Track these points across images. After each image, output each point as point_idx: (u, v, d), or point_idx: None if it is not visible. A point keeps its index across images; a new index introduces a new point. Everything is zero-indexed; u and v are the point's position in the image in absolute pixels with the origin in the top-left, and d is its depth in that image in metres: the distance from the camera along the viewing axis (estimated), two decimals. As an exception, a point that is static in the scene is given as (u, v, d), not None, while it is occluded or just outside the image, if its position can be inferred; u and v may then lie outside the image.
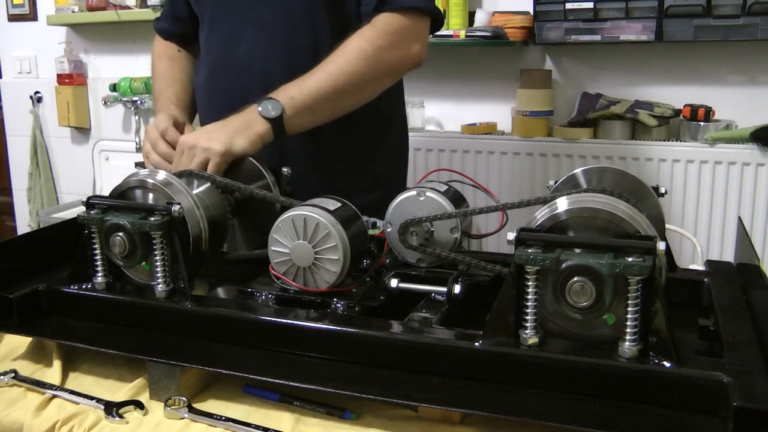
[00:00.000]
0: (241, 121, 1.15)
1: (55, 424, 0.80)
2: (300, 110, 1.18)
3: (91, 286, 0.97)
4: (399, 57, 1.26)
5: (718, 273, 0.99)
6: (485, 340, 0.77)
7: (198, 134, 1.14)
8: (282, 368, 0.81)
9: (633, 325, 0.72)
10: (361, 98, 1.27)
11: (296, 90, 1.18)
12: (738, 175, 2.37)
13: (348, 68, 1.20)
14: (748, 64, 2.45)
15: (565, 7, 2.47)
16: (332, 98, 1.21)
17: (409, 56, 1.27)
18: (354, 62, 1.21)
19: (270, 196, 1.06)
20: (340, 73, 1.20)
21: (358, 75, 1.22)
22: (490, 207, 0.96)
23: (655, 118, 2.44)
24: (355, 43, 1.22)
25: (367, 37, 1.22)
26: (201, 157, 1.09)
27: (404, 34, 1.24)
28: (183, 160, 1.11)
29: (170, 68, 1.44)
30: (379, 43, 1.22)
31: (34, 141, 3.47)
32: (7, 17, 3.53)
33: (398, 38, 1.24)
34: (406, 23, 1.24)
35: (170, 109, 1.34)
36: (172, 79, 1.41)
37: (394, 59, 1.26)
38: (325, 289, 0.92)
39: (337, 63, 1.20)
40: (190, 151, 1.11)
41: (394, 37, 1.23)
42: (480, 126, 2.74)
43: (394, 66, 1.27)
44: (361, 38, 1.22)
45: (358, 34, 1.23)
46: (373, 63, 1.22)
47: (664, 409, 0.70)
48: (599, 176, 0.99)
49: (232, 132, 1.12)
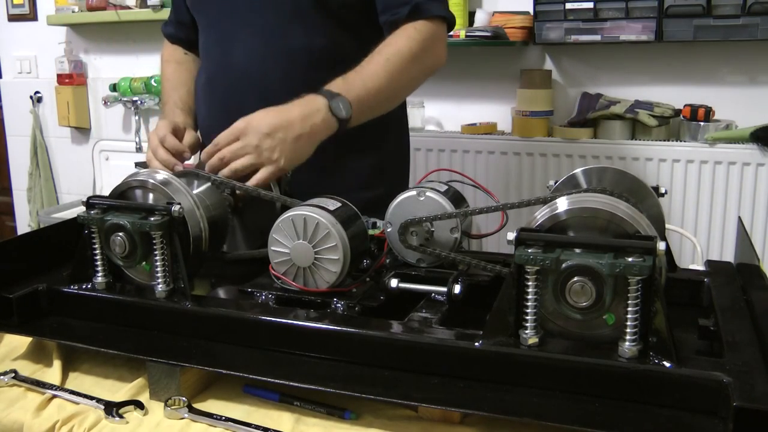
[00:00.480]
0: (306, 125, 1.11)
1: (55, 424, 0.80)
2: (363, 111, 1.19)
3: (91, 286, 0.97)
4: (435, 59, 1.31)
5: (718, 273, 0.99)
6: (485, 340, 0.77)
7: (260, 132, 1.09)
8: (282, 368, 0.81)
9: (633, 325, 0.72)
10: (401, 100, 1.33)
11: (362, 88, 1.18)
12: (738, 175, 2.37)
13: (405, 69, 1.23)
14: (748, 64, 2.45)
15: (565, 7, 2.47)
16: (389, 99, 1.26)
17: (441, 58, 1.33)
18: (408, 63, 1.24)
19: (270, 196, 1.06)
20: (400, 74, 1.23)
21: (408, 76, 1.26)
22: (490, 207, 0.96)
23: (655, 118, 2.44)
24: (405, 45, 1.24)
25: (414, 39, 1.25)
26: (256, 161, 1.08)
27: (437, 39, 1.29)
28: (236, 149, 1.08)
29: (177, 72, 1.45)
30: (424, 46, 1.26)
31: (34, 141, 3.47)
32: (7, 17, 3.53)
33: (433, 43, 1.29)
34: (435, 29, 1.28)
35: (175, 114, 1.35)
36: (178, 82, 1.42)
37: (433, 61, 1.31)
38: (325, 289, 0.92)
39: (393, 63, 1.22)
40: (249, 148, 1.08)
41: (430, 41, 1.28)
42: (480, 126, 2.74)
43: (432, 68, 1.32)
44: (409, 40, 1.24)
45: (405, 36, 1.25)
46: (419, 64, 1.27)
47: (664, 409, 0.70)
48: (599, 176, 0.99)
49: (296, 143, 1.10)
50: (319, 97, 1.14)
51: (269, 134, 1.09)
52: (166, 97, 1.41)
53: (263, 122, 1.10)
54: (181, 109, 1.36)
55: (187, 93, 1.40)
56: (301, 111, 1.12)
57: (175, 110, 1.36)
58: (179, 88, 1.41)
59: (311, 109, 1.12)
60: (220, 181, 1.05)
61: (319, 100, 1.13)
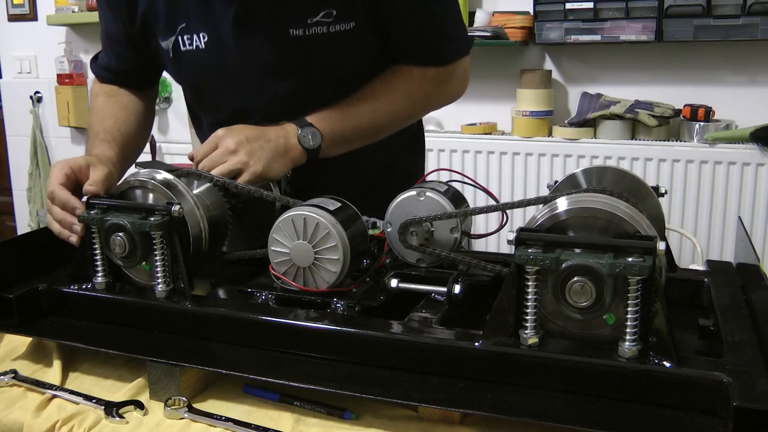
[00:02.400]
0: (281, 142, 1.12)
1: (55, 424, 0.80)
2: (337, 142, 1.18)
3: (91, 286, 0.97)
4: (446, 98, 1.29)
5: (718, 273, 0.99)
6: (485, 340, 0.77)
7: (239, 137, 1.09)
8: (282, 368, 0.81)
9: (633, 325, 0.72)
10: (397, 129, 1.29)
11: (337, 121, 1.17)
12: (738, 175, 2.38)
13: (392, 110, 1.22)
14: (748, 64, 2.45)
15: (565, 7, 2.47)
16: (370, 134, 1.23)
17: (454, 93, 1.30)
18: (400, 105, 1.22)
19: (270, 196, 1.06)
20: (385, 114, 1.21)
21: (401, 117, 1.25)
22: (490, 207, 0.96)
23: (655, 118, 2.44)
24: (404, 88, 1.21)
25: (417, 84, 1.22)
26: (235, 167, 1.07)
27: (452, 78, 1.26)
28: (215, 156, 1.08)
29: (105, 104, 1.31)
30: (429, 91, 1.24)
31: (34, 141, 3.47)
32: (7, 17, 3.53)
33: (446, 84, 1.26)
34: (451, 69, 1.24)
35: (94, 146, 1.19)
36: (105, 114, 1.28)
37: (441, 100, 1.29)
38: (325, 289, 0.92)
39: (381, 102, 1.20)
40: (228, 155, 1.08)
41: (443, 85, 1.25)
42: (480, 126, 2.74)
43: (440, 105, 1.30)
44: (411, 84, 1.22)
45: (407, 79, 1.21)
46: (419, 106, 1.26)
47: (664, 409, 0.70)
48: (599, 176, 0.99)
49: (273, 155, 1.10)
50: (292, 123, 1.15)
51: (247, 140, 1.09)
52: (89, 131, 1.26)
53: (241, 130, 1.11)
54: (103, 139, 1.20)
55: (113, 124, 1.24)
56: (275, 131, 1.13)
57: (95, 143, 1.20)
58: (106, 120, 1.26)
59: (281, 134, 1.13)
60: (222, 182, 1.05)
61: (289, 126, 1.14)
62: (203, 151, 1.10)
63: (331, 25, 1.13)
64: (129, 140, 1.25)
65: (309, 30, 1.13)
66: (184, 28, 1.18)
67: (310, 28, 1.13)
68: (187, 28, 1.18)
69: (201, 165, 1.08)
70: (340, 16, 1.12)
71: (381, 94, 1.21)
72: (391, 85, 1.21)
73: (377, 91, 1.21)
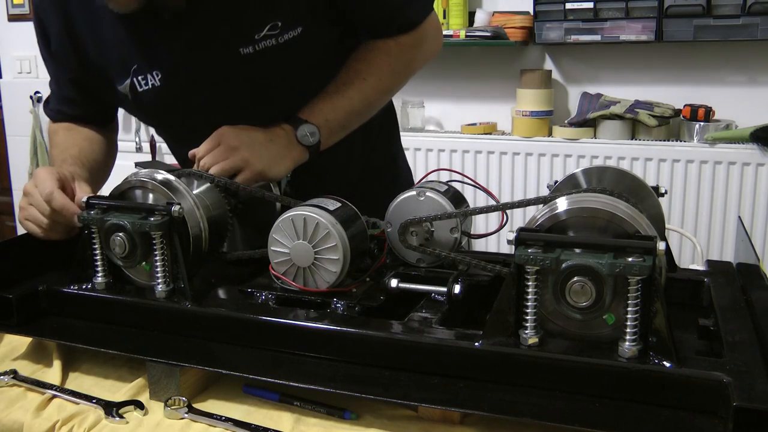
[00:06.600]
0: (282, 143, 1.12)
1: (55, 424, 0.80)
2: (335, 130, 1.18)
3: (91, 286, 0.97)
4: (426, 57, 1.30)
5: (718, 273, 0.99)
6: (485, 340, 0.77)
7: (242, 135, 1.09)
8: (282, 368, 0.82)
9: (633, 325, 0.72)
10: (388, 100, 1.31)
11: (331, 111, 1.17)
12: (738, 175, 2.38)
13: (380, 85, 1.22)
14: (748, 64, 2.45)
15: (565, 7, 2.47)
16: (363, 113, 1.24)
17: (433, 50, 1.31)
18: (386, 79, 1.23)
19: (270, 196, 1.06)
20: (375, 91, 1.22)
21: (390, 89, 1.26)
22: (490, 207, 0.96)
23: (655, 118, 2.44)
24: (385, 62, 1.22)
25: (396, 55, 1.23)
26: (236, 164, 1.07)
27: (426, 37, 1.26)
28: (217, 153, 1.08)
29: (67, 137, 1.27)
30: (409, 56, 1.25)
31: (34, 141, 3.47)
32: (7, 17, 3.53)
33: (423, 45, 1.27)
34: (423, 29, 1.25)
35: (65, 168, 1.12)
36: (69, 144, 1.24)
37: (423, 61, 1.30)
38: (325, 289, 0.92)
39: (367, 80, 1.20)
40: (229, 152, 1.08)
41: (419, 47, 1.26)
42: (480, 126, 2.74)
43: (424, 64, 1.31)
44: (390, 56, 1.22)
45: (385, 52, 1.22)
46: (404, 74, 1.26)
47: (664, 409, 0.70)
48: (599, 176, 0.98)
49: (275, 156, 1.10)
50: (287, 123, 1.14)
51: (250, 138, 1.10)
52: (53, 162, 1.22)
53: (244, 129, 1.12)
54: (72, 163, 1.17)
55: (78, 152, 1.21)
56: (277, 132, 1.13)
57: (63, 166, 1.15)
58: (70, 148, 1.22)
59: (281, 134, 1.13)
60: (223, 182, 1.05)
61: (286, 127, 1.14)
62: (205, 148, 1.10)
63: (278, 36, 1.13)
64: (96, 166, 1.24)
65: (258, 45, 1.13)
66: (136, 69, 1.17)
67: (258, 43, 1.12)
68: (139, 69, 1.17)
69: (202, 162, 1.08)
70: (286, 24, 1.12)
71: (366, 74, 1.21)
72: (372, 63, 1.22)
73: (361, 71, 1.21)
